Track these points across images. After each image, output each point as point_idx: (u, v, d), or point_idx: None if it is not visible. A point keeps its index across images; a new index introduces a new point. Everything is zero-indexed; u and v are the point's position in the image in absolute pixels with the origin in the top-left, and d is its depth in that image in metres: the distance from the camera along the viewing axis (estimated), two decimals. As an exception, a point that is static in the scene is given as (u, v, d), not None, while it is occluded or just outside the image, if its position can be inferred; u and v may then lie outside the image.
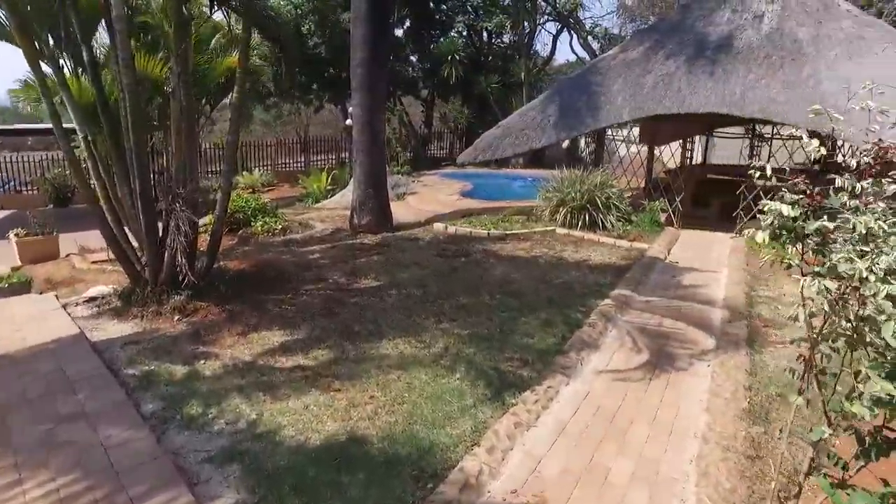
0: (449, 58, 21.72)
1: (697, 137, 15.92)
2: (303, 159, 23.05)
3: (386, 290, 6.59)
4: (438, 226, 10.22)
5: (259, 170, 19.69)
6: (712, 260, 8.47)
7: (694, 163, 15.89)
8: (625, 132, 13.35)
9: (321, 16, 20.43)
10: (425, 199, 15.80)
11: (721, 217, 11.51)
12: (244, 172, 18.50)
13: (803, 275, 2.46)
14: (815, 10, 9.70)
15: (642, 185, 12.71)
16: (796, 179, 2.56)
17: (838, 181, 2.50)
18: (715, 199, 11.86)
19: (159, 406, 3.98)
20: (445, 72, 21.89)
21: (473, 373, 4.43)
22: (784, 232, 2.55)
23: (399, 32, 25.38)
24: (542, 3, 26.86)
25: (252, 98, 20.09)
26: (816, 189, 2.54)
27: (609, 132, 12.67)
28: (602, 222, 9.96)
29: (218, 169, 16.28)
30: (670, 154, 12.58)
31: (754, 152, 12.00)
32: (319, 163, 21.35)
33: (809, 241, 2.49)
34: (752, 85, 9.09)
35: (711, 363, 4.72)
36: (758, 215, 8.71)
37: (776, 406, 4.06)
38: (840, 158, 2.95)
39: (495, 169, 23.46)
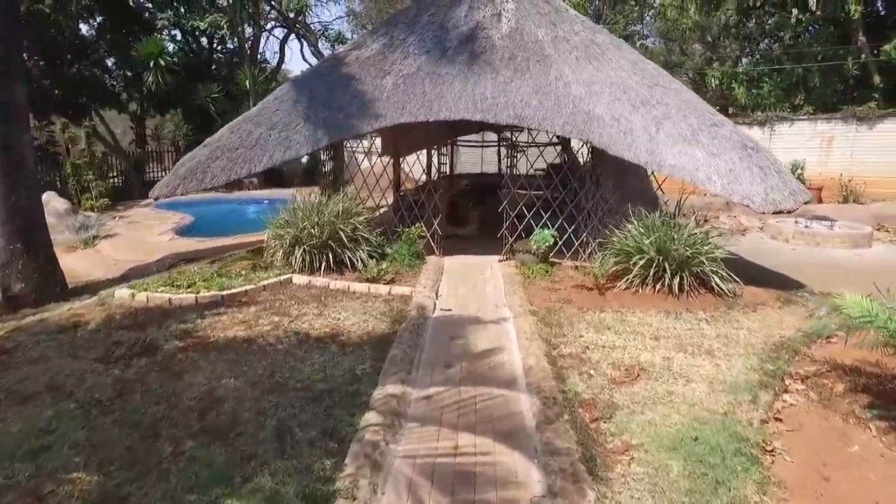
0: (152, 63, 17.42)
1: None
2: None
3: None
4: (122, 294, 6.78)
5: None
6: (489, 298, 6.95)
7: (444, 174, 15.08)
8: (366, 143, 11.55)
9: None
10: (125, 244, 11.81)
11: (482, 231, 10.42)
12: None
13: None
14: (547, 12, 9.04)
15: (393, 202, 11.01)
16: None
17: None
18: (472, 213, 10.74)
19: None
20: (148, 79, 17.53)
21: None
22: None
23: (88, 30, 19.97)
24: (266, 7, 24.08)
25: None
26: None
27: (348, 144, 10.62)
28: (351, 261, 7.81)
29: None
30: (420, 166, 11.11)
31: (503, 158, 11.17)
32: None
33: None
34: (503, 88, 7.90)
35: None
36: (527, 241, 7.25)
37: None
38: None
39: (225, 192, 19.75)
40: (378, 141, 11.12)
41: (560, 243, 8.17)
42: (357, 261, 7.85)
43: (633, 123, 7.30)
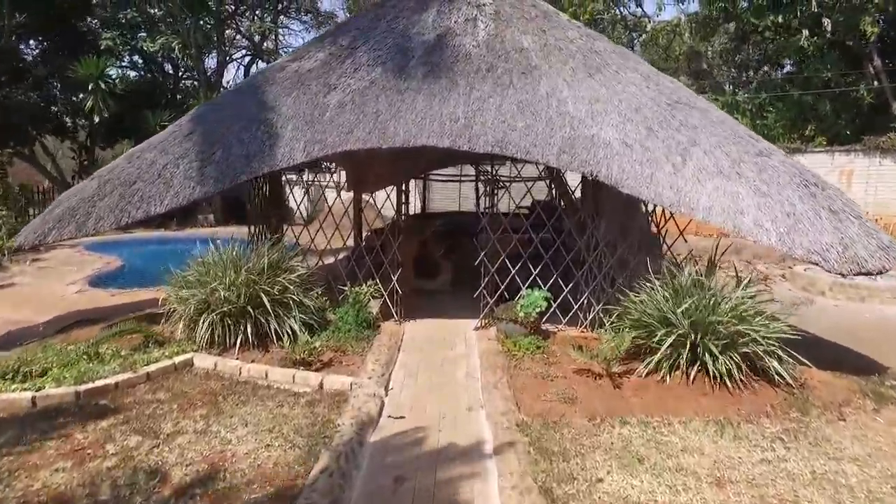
0: (91, 86, 15.50)
1: (413, 181, 13.37)
2: None
3: None
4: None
5: None
6: (461, 394, 4.96)
7: (413, 212, 13.15)
8: (329, 177, 9.73)
9: None
10: (21, 297, 9.63)
11: (457, 283, 8.49)
12: None
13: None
14: (533, 17, 7.33)
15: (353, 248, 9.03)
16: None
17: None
18: (445, 263, 8.81)
19: None
20: (87, 104, 15.58)
21: None
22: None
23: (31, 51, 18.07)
24: (231, 33, 22.51)
25: None
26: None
27: (286, 176, 8.71)
28: (277, 332, 5.81)
29: None
30: (391, 204, 9.20)
31: (481, 195, 9.30)
32: None
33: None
34: (479, 106, 6.08)
35: None
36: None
37: None
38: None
39: (176, 230, 17.76)
40: (344, 174, 9.26)
41: (554, 306, 6.26)
42: (285, 333, 5.85)
43: (651, 151, 5.50)
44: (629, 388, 4.99)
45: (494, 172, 6.70)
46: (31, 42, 19.00)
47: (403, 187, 7.51)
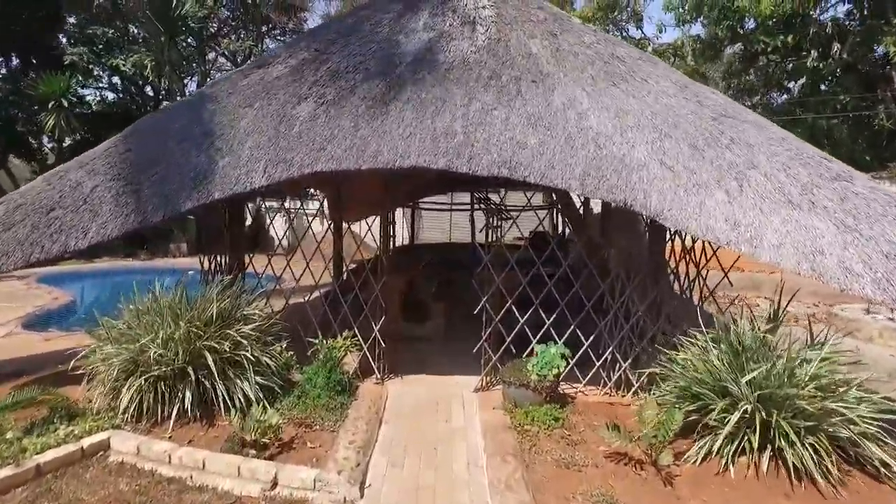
0: (51, 104, 14.32)
1: (401, 210, 12.16)
2: None
3: None
4: None
5: None
6: (463, 498, 3.70)
7: (401, 243, 11.93)
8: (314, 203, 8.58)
9: None
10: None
11: (452, 328, 7.28)
12: None
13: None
14: (541, 20, 6.31)
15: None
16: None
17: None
18: (437, 304, 7.58)
19: None
20: (48, 122, 14.37)
21: None
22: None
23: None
24: (214, 54, 21.59)
25: None
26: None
27: (266, 203, 7.52)
28: (227, 400, 4.54)
29: None
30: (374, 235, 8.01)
31: (486, 227, 8.26)
32: None
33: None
34: (482, 120, 4.97)
35: None
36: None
37: None
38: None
39: (145, 259, 16.40)
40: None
41: (572, 363, 5.06)
42: (238, 400, 4.59)
43: (698, 174, 4.40)
44: (683, 482, 3.77)
45: (501, 200, 5.54)
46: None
47: (389, 216, 6.32)
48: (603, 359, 5.31)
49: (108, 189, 5.18)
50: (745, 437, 3.91)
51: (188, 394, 4.50)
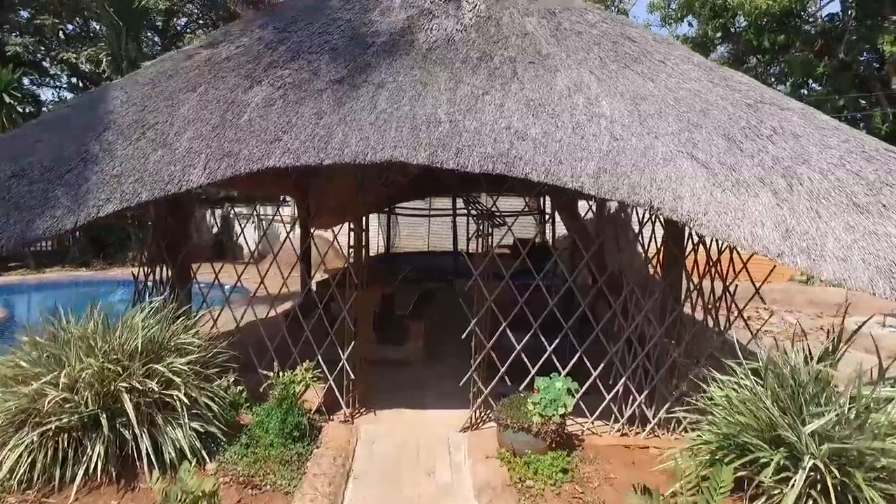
0: (-5, 99, 13.06)
1: (376, 216, 11.18)
2: None
3: None
4: None
5: None
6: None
7: (374, 252, 10.97)
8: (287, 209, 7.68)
9: None
10: None
11: (433, 351, 6.39)
12: None
13: None
14: (538, -3, 5.49)
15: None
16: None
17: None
18: (416, 323, 6.66)
19: None
20: (-11, 120, 13.10)
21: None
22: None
23: None
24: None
25: None
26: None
27: (235, 208, 6.54)
28: (152, 454, 3.57)
29: None
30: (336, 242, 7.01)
31: (476, 235, 7.37)
32: None
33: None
34: (471, 106, 4.12)
35: None
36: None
37: None
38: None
39: (100, 269, 15.13)
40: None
41: (577, 397, 4.22)
42: (168, 452, 3.63)
43: (737, 172, 3.60)
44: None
45: (494, 204, 4.67)
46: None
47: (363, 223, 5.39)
48: (615, 391, 4.48)
49: (5, 188, 4.16)
50: (809, 498, 3.10)
51: (99, 449, 3.52)
